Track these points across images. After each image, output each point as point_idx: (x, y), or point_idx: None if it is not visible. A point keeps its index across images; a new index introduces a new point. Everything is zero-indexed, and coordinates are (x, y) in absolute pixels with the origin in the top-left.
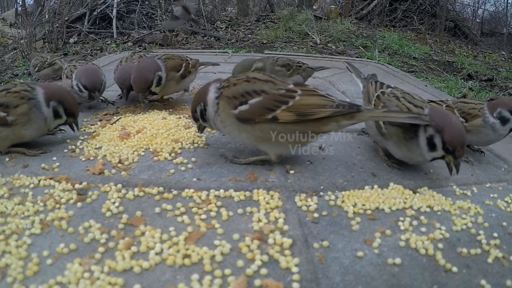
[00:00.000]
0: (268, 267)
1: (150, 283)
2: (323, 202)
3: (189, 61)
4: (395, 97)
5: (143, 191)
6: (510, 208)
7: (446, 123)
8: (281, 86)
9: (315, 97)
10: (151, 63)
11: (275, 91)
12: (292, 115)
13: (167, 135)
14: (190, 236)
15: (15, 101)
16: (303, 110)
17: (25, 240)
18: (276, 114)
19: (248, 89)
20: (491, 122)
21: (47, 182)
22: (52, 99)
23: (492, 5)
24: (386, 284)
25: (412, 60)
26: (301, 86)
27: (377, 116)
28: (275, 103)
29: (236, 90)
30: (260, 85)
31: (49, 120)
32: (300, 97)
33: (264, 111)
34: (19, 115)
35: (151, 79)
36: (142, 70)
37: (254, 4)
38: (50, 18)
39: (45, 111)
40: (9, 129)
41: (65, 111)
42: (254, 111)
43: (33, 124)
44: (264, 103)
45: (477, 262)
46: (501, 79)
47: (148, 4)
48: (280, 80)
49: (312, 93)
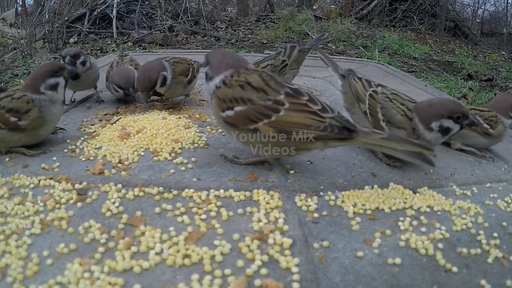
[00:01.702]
0: (268, 267)
1: (150, 283)
2: (323, 202)
3: (194, 66)
4: (387, 98)
5: (143, 191)
6: (510, 208)
7: (437, 108)
8: (271, 96)
9: (302, 114)
10: (156, 64)
11: (262, 101)
12: (273, 130)
13: (167, 135)
14: (190, 236)
15: (24, 106)
16: (285, 128)
17: (25, 240)
18: (258, 126)
19: (237, 95)
20: (509, 123)
21: (47, 182)
22: (38, 86)
23: (492, 5)
24: (386, 284)
25: (412, 60)
26: (292, 97)
27: (373, 144)
28: (258, 115)
29: (226, 93)
30: (250, 93)
31: (54, 97)
32: (285, 112)
33: (246, 121)
34: (33, 120)
35: (155, 79)
36: (147, 70)
37: (254, 4)
38: (50, 18)
39: (46, 97)
40: (23, 133)
41: (56, 76)
42: (238, 119)
43: (48, 122)
44: (248, 113)
45: (477, 262)
46: (501, 79)
47: (148, 4)
48: (274, 88)
49: (301, 108)
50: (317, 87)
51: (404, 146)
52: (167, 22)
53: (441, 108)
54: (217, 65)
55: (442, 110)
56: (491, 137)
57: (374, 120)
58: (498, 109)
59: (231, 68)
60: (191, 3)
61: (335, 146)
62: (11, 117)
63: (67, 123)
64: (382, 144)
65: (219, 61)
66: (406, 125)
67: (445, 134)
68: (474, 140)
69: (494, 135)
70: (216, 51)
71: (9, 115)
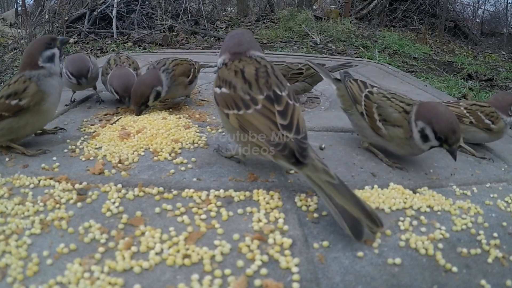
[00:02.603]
0: (268, 267)
1: (150, 283)
2: (323, 202)
3: (195, 66)
4: (385, 97)
5: (143, 191)
6: (510, 208)
7: (433, 114)
8: (252, 92)
9: (265, 121)
10: (151, 77)
11: (242, 93)
12: (237, 123)
13: (167, 135)
14: (190, 236)
15: (21, 86)
16: (245, 125)
17: (25, 240)
18: (228, 113)
19: (228, 78)
20: (509, 121)
21: (47, 182)
22: (36, 60)
23: (492, 5)
24: (386, 284)
25: (412, 60)
26: (269, 101)
27: (315, 183)
28: (232, 104)
29: (223, 73)
30: (237, 81)
31: (52, 69)
32: (253, 111)
33: (224, 104)
34: (32, 95)
35: (147, 95)
36: (140, 84)
37: (254, 4)
38: (50, 18)
39: (44, 71)
40: (28, 114)
41: (50, 47)
42: (220, 100)
43: (49, 95)
44: (227, 98)
45: (477, 262)
46: (501, 79)
47: (148, 4)
48: (261, 86)
49: (267, 114)
50: (317, 87)
51: (345, 203)
52: (167, 22)
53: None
54: (225, 46)
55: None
56: (492, 132)
57: (371, 121)
58: (498, 107)
59: (236, 53)
60: (191, 3)
61: (284, 166)
62: (11, 101)
63: (67, 123)
64: (324, 189)
65: (227, 43)
66: (403, 123)
67: (425, 141)
68: (475, 136)
69: (495, 131)
70: (235, 33)
71: (9, 100)
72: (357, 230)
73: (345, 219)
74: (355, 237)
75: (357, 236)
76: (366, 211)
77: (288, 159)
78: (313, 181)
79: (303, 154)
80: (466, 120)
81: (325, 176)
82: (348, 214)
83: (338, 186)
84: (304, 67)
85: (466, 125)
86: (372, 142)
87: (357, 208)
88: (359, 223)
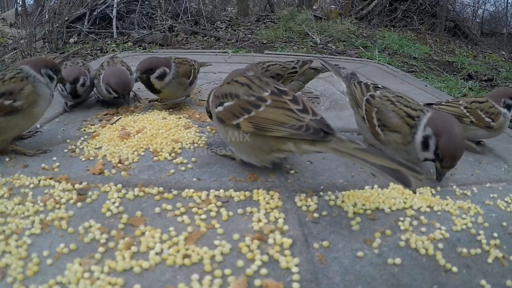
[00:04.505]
0: (268, 267)
1: (150, 283)
2: (323, 202)
3: (195, 66)
4: (389, 100)
5: (143, 191)
6: (510, 208)
7: (446, 130)
8: (255, 92)
9: (280, 111)
10: (165, 59)
11: (246, 97)
12: (251, 126)
13: (167, 135)
14: (190, 236)
15: (17, 85)
16: (261, 124)
17: (25, 240)
18: (239, 121)
19: (227, 91)
20: (503, 112)
21: (47, 182)
22: (41, 67)
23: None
24: (386, 284)
25: (412, 60)
26: (276, 95)
27: (344, 153)
28: (240, 111)
29: (220, 90)
30: (236, 88)
31: (49, 85)
32: (265, 108)
33: (231, 116)
34: (27, 96)
35: (155, 66)
36: (154, 57)
37: (254, 4)
38: (50, 18)
39: (42, 80)
40: (19, 115)
41: (54, 72)
42: (225, 115)
43: (42, 99)
44: (233, 108)
45: (477, 262)
46: (501, 79)
47: (148, 4)
48: (259, 85)
49: (280, 105)
50: (317, 87)
51: (381, 161)
52: (167, 22)
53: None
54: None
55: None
56: (492, 129)
57: (371, 126)
58: (491, 97)
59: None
60: (191, 3)
61: (307, 152)
62: (4, 101)
63: (67, 123)
64: (355, 154)
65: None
66: (402, 128)
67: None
68: (476, 133)
69: (495, 128)
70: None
71: (2, 100)
72: (404, 180)
73: (389, 173)
74: (405, 186)
75: (407, 184)
76: (403, 163)
77: (316, 136)
78: (342, 152)
79: (329, 127)
80: (467, 120)
81: (352, 144)
82: (389, 169)
83: (369, 149)
84: (296, 64)
85: (467, 124)
86: (372, 144)
87: (395, 162)
88: (402, 174)
